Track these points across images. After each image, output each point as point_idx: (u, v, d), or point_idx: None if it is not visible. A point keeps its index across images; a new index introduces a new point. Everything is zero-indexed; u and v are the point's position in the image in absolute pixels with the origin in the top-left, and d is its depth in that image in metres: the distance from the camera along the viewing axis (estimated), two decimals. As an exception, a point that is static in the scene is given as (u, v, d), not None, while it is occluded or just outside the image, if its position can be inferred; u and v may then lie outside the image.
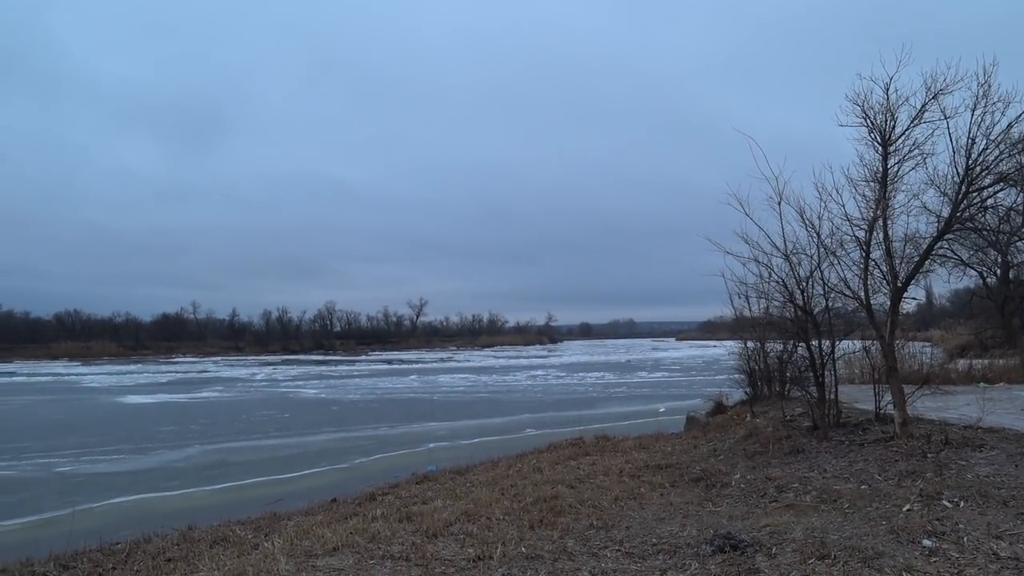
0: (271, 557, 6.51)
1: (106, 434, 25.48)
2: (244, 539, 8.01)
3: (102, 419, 31.35)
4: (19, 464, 19.65)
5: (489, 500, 8.53)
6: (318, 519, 8.93)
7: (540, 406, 32.36)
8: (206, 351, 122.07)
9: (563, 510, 7.69)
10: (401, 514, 8.26)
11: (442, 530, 7.14)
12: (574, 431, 18.80)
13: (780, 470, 8.99)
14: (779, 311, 13.16)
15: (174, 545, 8.16)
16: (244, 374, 65.29)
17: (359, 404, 35.81)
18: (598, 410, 29.64)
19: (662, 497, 8.29)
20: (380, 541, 6.85)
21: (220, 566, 6.51)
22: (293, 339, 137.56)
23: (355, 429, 25.44)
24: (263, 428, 26.51)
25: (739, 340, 16.86)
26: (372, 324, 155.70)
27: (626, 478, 9.59)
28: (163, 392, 46.07)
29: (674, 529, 6.68)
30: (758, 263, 11.73)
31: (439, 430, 24.56)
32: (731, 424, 13.93)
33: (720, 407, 16.94)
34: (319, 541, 7.02)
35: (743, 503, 7.74)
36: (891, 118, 9.71)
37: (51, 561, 7.90)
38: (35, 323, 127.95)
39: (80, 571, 7.37)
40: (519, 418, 27.44)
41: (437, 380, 53.07)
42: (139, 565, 7.35)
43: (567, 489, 8.91)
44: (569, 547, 6.23)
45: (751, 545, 5.79)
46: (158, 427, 27.33)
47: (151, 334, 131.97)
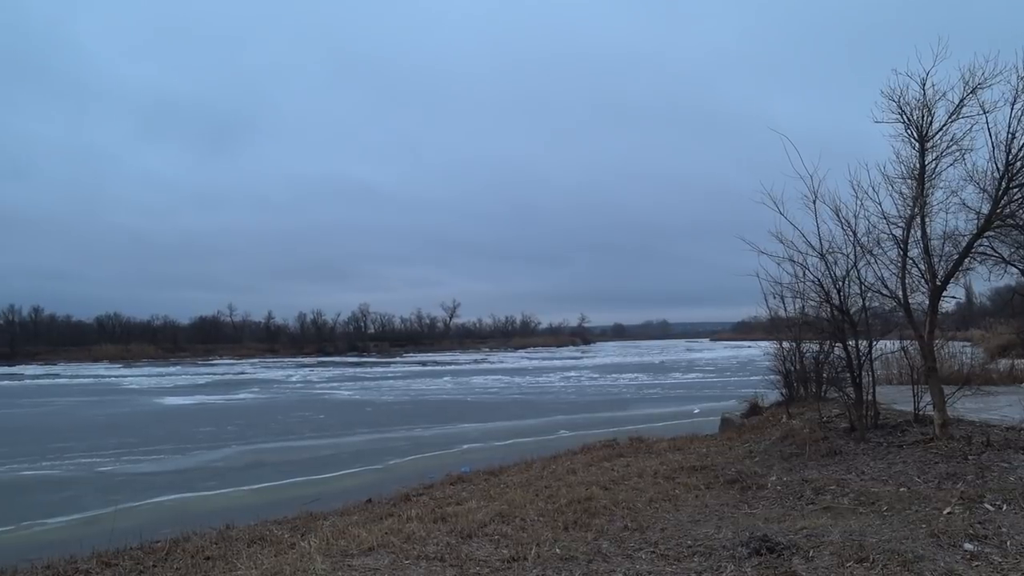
0: (308, 556, 6.57)
1: (146, 435, 25.91)
2: (281, 538, 8.08)
3: (142, 420, 31.89)
4: (63, 464, 20.06)
5: (523, 501, 8.53)
6: (354, 519, 8.99)
7: (573, 407, 32.30)
8: (242, 353, 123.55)
9: (597, 511, 7.67)
10: (436, 515, 8.29)
11: (476, 531, 7.15)
12: (608, 432, 18.72)
13: (817, 472, 8.90)
14: (815, 311, 13.02)
15: (212, 544, 8.26)
16: (280, 376, 65.98)
17: (393, 405, 36.02)
18: (632, 411, 29.53)
19: (697, 499, 8.24)
20: (415, 541, 6.88)
21: (258, 565, 6.58)
22: (328, 341, 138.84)
23: (389, 430, 25.59)
24: (299, 429, 26.77)
25: (774, 341, 16.70)
26: (406, 326, 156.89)
27: (661, 480, 9.54)
28: (201, 394, 46.71)
29: (709, 531, 6.64)
30: (793, 263, 11.62)
31: (473, 431, 24.62)
32: (767, 425, 13.80)
33: (755, 408, 16.79)
34: (355, 541, 7.07)
35: (779, 505, 7.67)
36: (928, 113, 9.58)
37: (94, 558, 8.04)
38: (77, 326, 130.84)
39: (122, 568, 7.49)
40: (552, 419, 27.41)
41: (470, 381, 53.19)
42: (179, 563, 7.45)
43: (601, 490, 8.89)
44: (604, 549, 6.22)
45: (788, 548, 5.73)
46: (196, 428, 27.74)
47: (189, 336, 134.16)
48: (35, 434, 27.14)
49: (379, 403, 37.48)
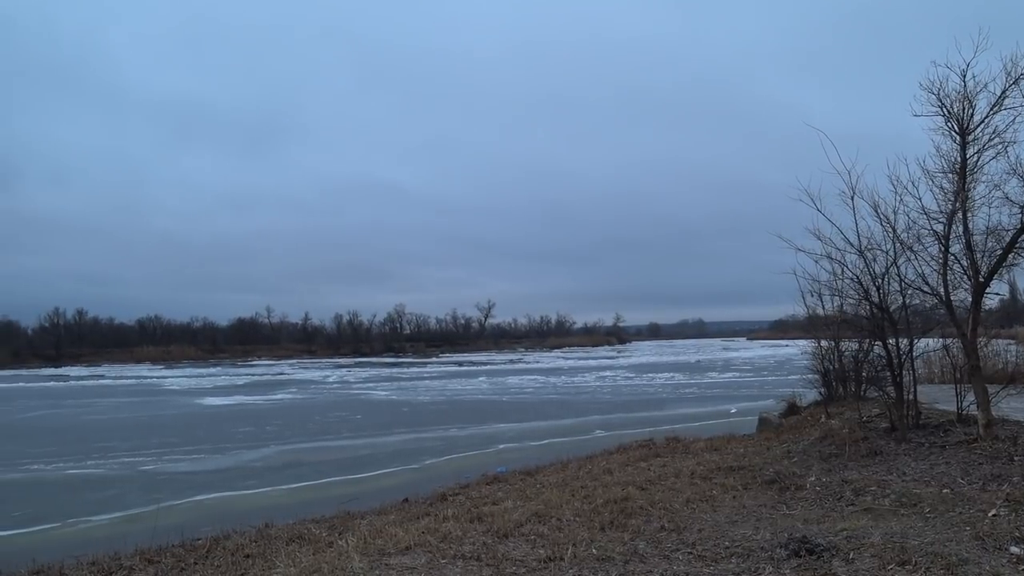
0: (345, 555, 6.63)
1: (187, 434, 26.33)
2: (319, 537, 8.17)
3: (183, 420, 32.42)
4: (106, 463, 20.46)
5: (559, 501, 8.53)
6: (390, 518, 9.05)
7: (609, 407, 32.19)
8: (280, 354, 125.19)
9: (634, 512, 7.64)
10: (472, 514, 8.32)
11: (513, 531, 7.16)
12: (644, 432, 18.65)
13: (857, 473, 8.78)
14: (854, 309, 12.86)
15: (252, 542, 8.37)
16: (317, 376, 66.63)
17: (429, 406, 36.18)
18: (668, 411, 29.36)
19: (735, 500, 8.17)
20: (452, 541, 6.91)
21: (296, 563, 6.66)
22: (364, 342, 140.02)
23: (425, 430, 25.72)
24: (336, 429, 27.01)
25: (812, 339, 16.49)
26: (441, 326, 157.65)
27: (697, 480, 9.48)
28: (240, 394, 47.33)
29: (747, 532, 6.58)
30: (831, 260, 11.49)
31: (508, 431, 24.65)
32: (805, 425, 13.63)
33: (793, 408, 16.60)
34: (392, 540, 7.11)
35: (819, 506, 7.57)
36: (969, 106, 9.40)
37: (137, 555, 8.21)
38: (119, 328, 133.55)
39: (164, 565, 7.62)
40: (588, 419, 27.35)
41: (506, 382, 53.25)
42: (219, 561, 7.56)
43: (638, 491, 8.85)
44: (640, 549, 6.19)
45: (827, 550, 5.66)
46: (235, 428, 28.12)
47: (227, 338, 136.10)
48: (80, 434, 27.74)
49: (415, 403, 37.68)
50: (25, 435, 28.13)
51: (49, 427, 31.04)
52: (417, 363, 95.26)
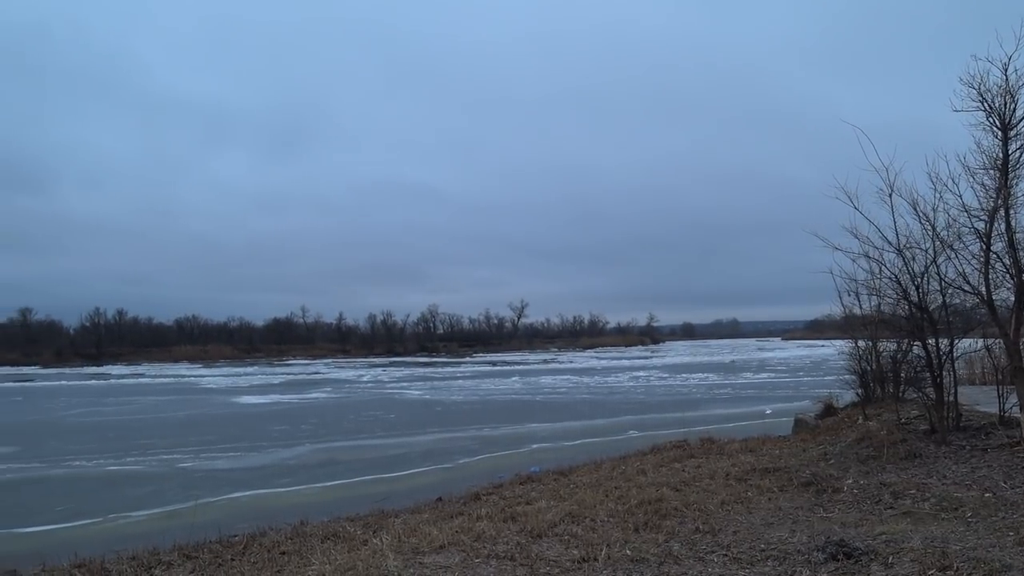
0: (380, 553, 6.67)
1: (224, 432, 26.69)
2: (354, 535, 8.23)
3: (220, 418, 32.88)
4: (146, 460, 20.81)
5: (593, 502, 8.51)
6: (424, 517, 9.10)
7: (643, 408, 32.05)
8: (315, 353, 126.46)
9: (668, 513, 7.60)
10: (506, 514, 8.33)
11: (546, 531, 7.16)
12: (678, 433, 18.52)
13: (895, 476, 8.64)
14: (892, 308, 12.66)
15: (288, 539, 8.46)
16: (351, 376, 67.16)
17: (462, 405, 36.29)
18: (702, 412, 29.15)
19: (770, 502, 8.09)
20: (485, 540, 6.92)
21: (331, 560, 6.71)
22: (398, 342, 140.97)
23: (459, 430, 25.80)
24: (370, 428, 27.21)
25: (849, 339, 16.27)
26: (474, 326, 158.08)
27: (732, 481, 9.39)
28: (275, 393, 47.87)
29: (783, 535, 6.51)
30: (868, 259, 11.32)
31: (542, 431, 24.65)
32: (842, 427, 13.44)
33: (830, 409, 16.38)
34: (426, 539, 7.15)
35: (856, 509, 7.47)
36: (1011, 100, 9.18)
37: (176, 551, 8.33)
38: (157, 328, 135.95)
39: (202, 561, 7.73)
40: (622, 420, 27.25)
41: (539, 381, 53.24)
42: (256, 557, 7.65)
43: (672, 492, 8.80)
44: (675, 551, 6.16)
45: (866, 553, 5.58)
46: (271, 426, 28.44)
47: (263, 337, 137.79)
48: (120, 431, 28.25)
49: (448, 403, 37.82)
50: (68, 432, 28.74)
51: (90, 424, 31.65)
52: (451, 363, 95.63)
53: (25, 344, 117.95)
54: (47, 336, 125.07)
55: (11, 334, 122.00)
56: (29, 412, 38.63)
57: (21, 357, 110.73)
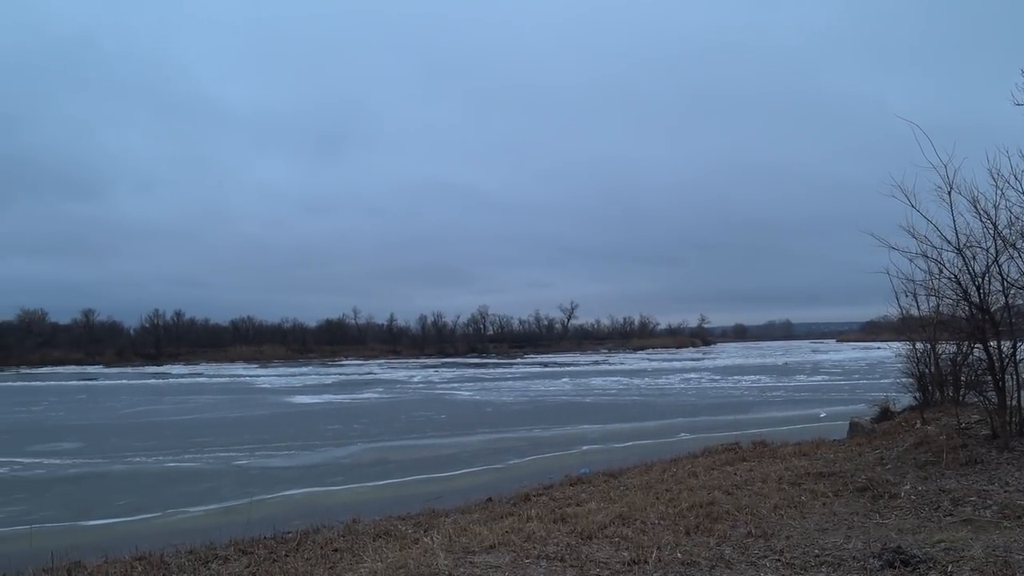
0: (431, 552, 6.73)
1: (278, 431, 27.15)
2: (405, 533, 8.33)
3: (274, 417, 33.46)
4: (203, 457, 21.28)
5: (644, 504, 8.47)
6: (475, 517, 9.16)
7: (694, 410, 31.75)
8: (366, 354, 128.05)
9: (720, 516, 7.53)
10: (555, 515, 8.34)
11: (596, 532, 7.15)
12: (729, 436, 18.32)
13: (955, 482, 8.44)
14: (951, 310, 12.35)
15: (340, 536, 8.59)
16: (403, 376, 67.73)
17: (512, 406, 36.35)
18: (754, 415, 28.77)
19: (824, 507, 7.96)
20: (535, 541, 6.94)
21: (383, 558, 6.80)
22: (448, 343, 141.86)
23: (508, 430, 25.86)
24: (421, 428, 27.42)
25: (906, 341, 15.92)
26: (524, 327, 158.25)
27: (786, 485, 9.27)
28: (328, 393, 48.50)
29: (838, 541, 6.41)
30: (927, 258, 11.06)
31: (591, 432, 24.57)
32: (899, 431, 13.15)
33: (886, 413, 16.03)
34: (476, 538, 7.19)
35: (914, 516, 7.32)
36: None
37: (232, 546, 8.53)
38: (214, 329, 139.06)
39: (257, 556, 7.89)
40: (672, 422, 27.03)
41: (589, 383, 53.07)
42: (309, 553, 7.79)
43: (724, 495, 8.71)
44: (726, 555, 6.11)
45: (924, 561, 5.46)
46: (324, 426, 28.84)
47: (316, 338, 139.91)
48: (179, 429, 28.93)
49: (498, 403, 37.91)
50: (128, 429, 29.52)
51: (150, 422, 32.46)
52: (501, 364, 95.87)
53: (88, 344, 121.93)
54: (109, 336, 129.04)
55: (75, 335, 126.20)
56: (92, 410, 39.77)
57: (85, 357, 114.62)
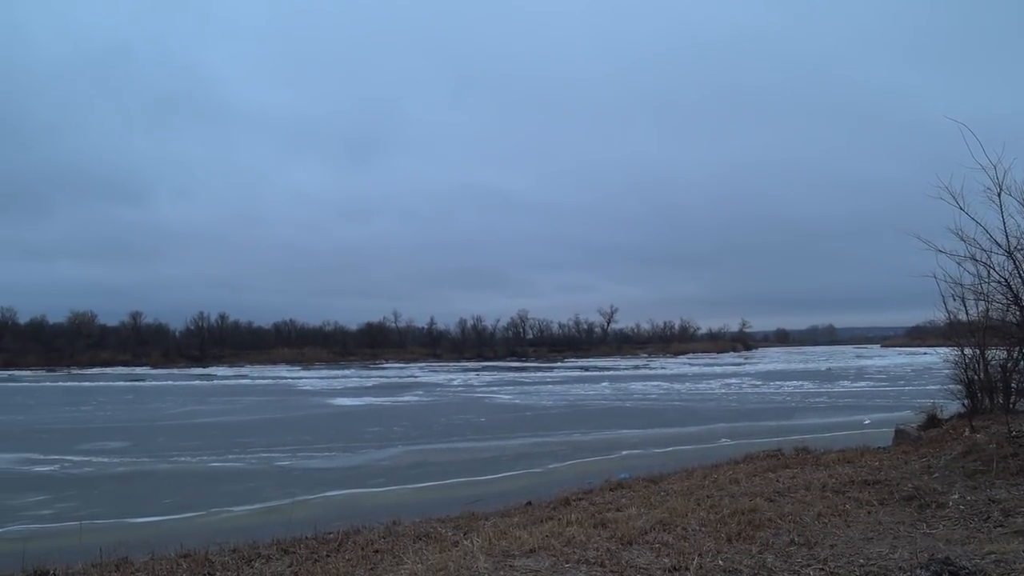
0: (471, 555, 6.76)
1: (320, 433, 27.48)
2: (445, 536, 8.37)
3: (316, 419, 33.90)
4: (246, 457, 21.63)
5: (684, 510, 8.41)
6: (514, 520, 9.17)
7: (735, 415, 31.45)
8: (406, 357, 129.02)
9: (762, 524, 7.45)
10: (595, 520, 8.32)
11: (637, 538, 7.12)
12: (771, 442, 18.10)
13: (1006, 492, 8.24)
14: (1001, 314, 12.09)
15: (381, 538, 8.66)
16: (442, 379, 68.11)
17: (552, 410, 36.35)
18: (797, 421, 28.40)
19: (869, 515, 7.84)
20: (575, 546, 6.93)
21: (423, 560, 6.84)
22: (487, 346, 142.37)
23: (548, 434, 25.87)
24: (460, 431, 27.54)
25: (954, 347, 15.59)
26: (563, 331, 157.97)
27: (829, 493, 9.13)
28: (369, 395, 48.93)
29: (883, 550, 6.31)
30: (975, 261, 10.84)
31: (631, 437, 24.47)
32: (946, 439, 12.89)
33: (933, 420, 15.71)
34: (516, 542, 7.20)
35: (962, 526, 7.17)
36: None
37: (274, 545, 8.64)
38: (257, 331, 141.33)
39: (299, 556, 7.99)
40: (713, 427, 26.81)
41: (629, 387, 52.84)
42: (350, 554, 7.86)
43: (766, 502, 8.62)
44: (769, 563, 6.04)
45: (973, 573, 5.35)
46: (365, 428, 29.13)
47: (357, 341, 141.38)
48: (223, 430, 29.45)
49: (538, 407, 37.93)
50: (174, 430, 30.12)
51: (195, 423, 33.09)
52: (541, 368, 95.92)
53: (135, 346, 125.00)
54: (155, 338, 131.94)
55: (123, 336, 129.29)
56: (139, 410, 40.63)
57: (132, 358, 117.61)
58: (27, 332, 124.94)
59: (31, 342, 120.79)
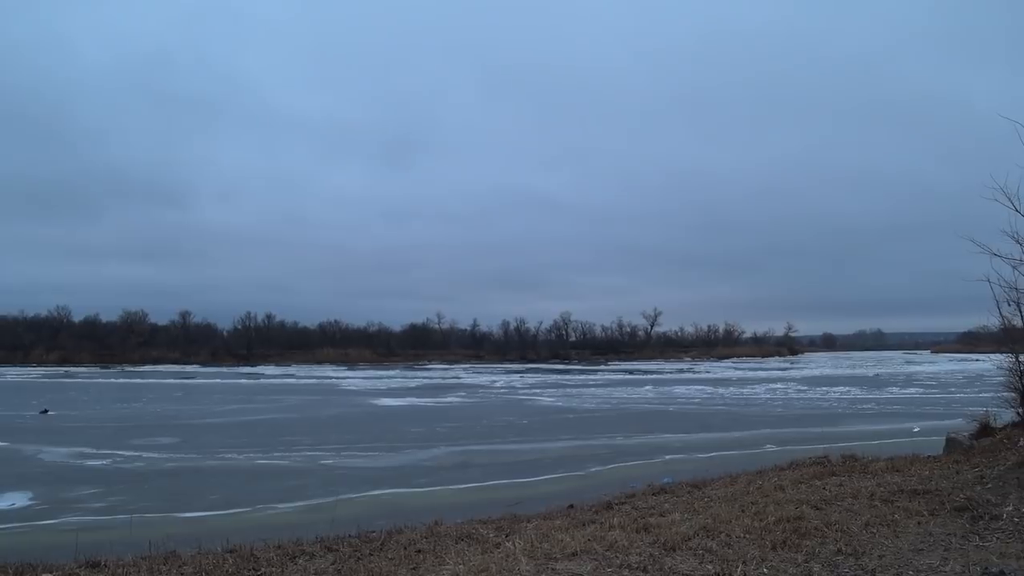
0: (513, 557, 6.78)
1: (363, 432, 27.78)
2: (487, 537, 8.38)
3: (360, 418, 34.29)
4: (291, 455, 21.95)
5: (729, 516, 8.33)
6: (556, 523, 9.15)
7: (780, 421, 31.04)
8: (450, 358, 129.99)
9: (808, 532, 7.35)
10: (638, 524, 8.27)
11: (680, 544, 7.07)
12: (818, 449, 17.79)
13: (1062, 503, 8.03)
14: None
15: (423, 538, 8.69)
16: (485, 381, 68.33)
17: (595, 413, 36.25)
18: (843, 427, 27.93)
19: (919, 526, 7.69)
20: (618, 550, 6.91)
21: (465, 561, 6.87)
22: (530, 348, 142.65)
23: (591, 437, 25.81)
24: (503, 433, 27.60)
25: (1008, 353, 15.20)
26: (606, 334, 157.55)
27: (877, 502, 8.97)
28: (412, 396, 49.30)
29: (934, 563, 6.18)
30: (1033, 264, 10.57)
31: (675, 442, 24.30)
32: (1000, 448, 12.57)
33: (987, 429, 15.31)
34: (558, 545, 7.20)
35: (1017, 539, 6.99)
36: None
37: (318, 543, 8.72)
38: (302, 331, 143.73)
39: (342, 554, 8.06)
40: (758, 433, 26.49)
41: (672, 391, 52.48)
42: (392, 553, 7.91)
43: (812, 510, 8.50)
44: (815, 572, 5.96)
45: (1026, 585, 5.24)
46: (408, 428, 29.36)
47: (400, 342, 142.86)
48: (269, 428, 29.94)
49: (581, 410, 37.86)
50: (222, 427, 30.69)
51: (242, 421, 33.66)
52: (585, 370, 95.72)
53: (185, 344, 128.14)
54: (204, 337, 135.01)
55: (173, 335, 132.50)
56: (188, 407, 41.44)
57: (181, 356, 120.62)
58: (81, 330, 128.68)
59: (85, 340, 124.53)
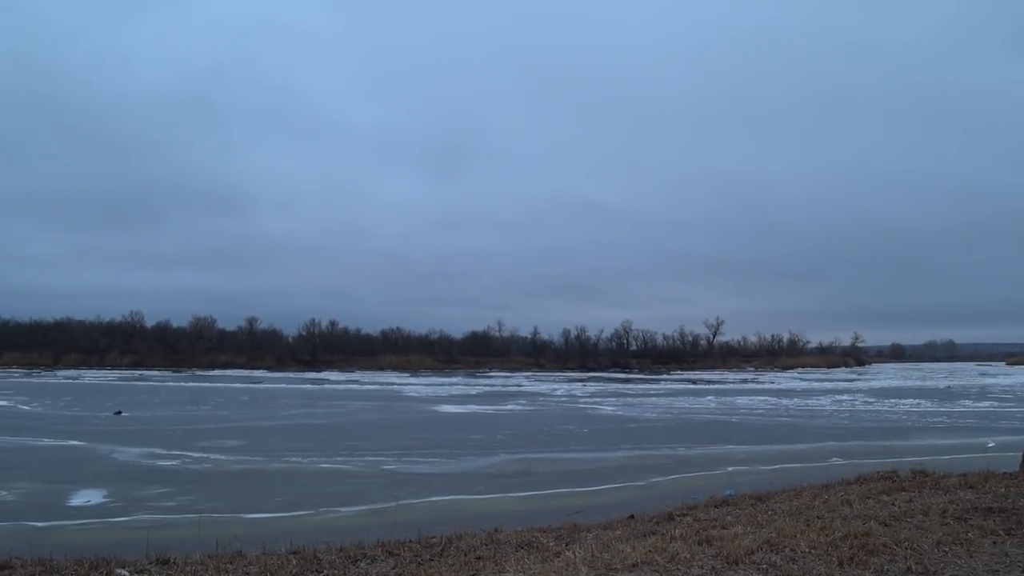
0: (573, 566, 6.76)
1: (424, 438, 27.99)
2: (547, 546, 8.39)
3: (421, 424, 34.61)
4: (353, 460, 22.25)
5: (793, 531, 8.18)
6: (616, 534, 9.11)
7: (846, 434, 30.28)
8: (510, 366, 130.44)
9: (876, 549, 7.18)
10: (700, 536, 8.18)
11: (743, 558, 6.97)
12: (886, 463, 17.31)
13: None
14: None
15: (483, 544, 8.74)
16: (546, 389, 68.24)
17: (656, 423, 35.91)
18: (913, 441, 27.16)
19: (995, 545, 7.44)
20: (679, 562, 6.85)
21: (525, 569, 6.88)
22: (591, 357, 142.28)
23: (652, 447, 25.56)
24: (563, 441, 27.53)
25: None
26: (668, 343, 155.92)
27: (949, 520, 8.70)
28: (473, 403, 49.53)
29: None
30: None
31: (737, 453, 23.92)
32: (1082, 466, 12.12)
33: (1068, 446, 14.79)
34: (618, 556, 7.16)
35: (1098, 560, 6.73)
36: None
37: (379, 547, 8.83)
38: (365, 338, 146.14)
39: (403, 558, 8.15)
40: (823, 445, 25.90)
41: (735, 401, 51.65)
42: (453, 559, 7.98)
43: (880, 526, 8.29)
44: (883, 589, 5.83)
45: (1108, 609, 5.04)
46: (469, 435, 29.49)
47: (461, 349, 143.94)
48: (332, 432, 30.45)
49: (642, 420, 37.53)
50: (287, 431, 31.29)
51: (306, 424, 34.31)
52: (646, 379, 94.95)
53: (251, 350, 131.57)
54: (269, 343, 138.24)
55: (240, 340, 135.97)
56: (254, 411, 42.42)
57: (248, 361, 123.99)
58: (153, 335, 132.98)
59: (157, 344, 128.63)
